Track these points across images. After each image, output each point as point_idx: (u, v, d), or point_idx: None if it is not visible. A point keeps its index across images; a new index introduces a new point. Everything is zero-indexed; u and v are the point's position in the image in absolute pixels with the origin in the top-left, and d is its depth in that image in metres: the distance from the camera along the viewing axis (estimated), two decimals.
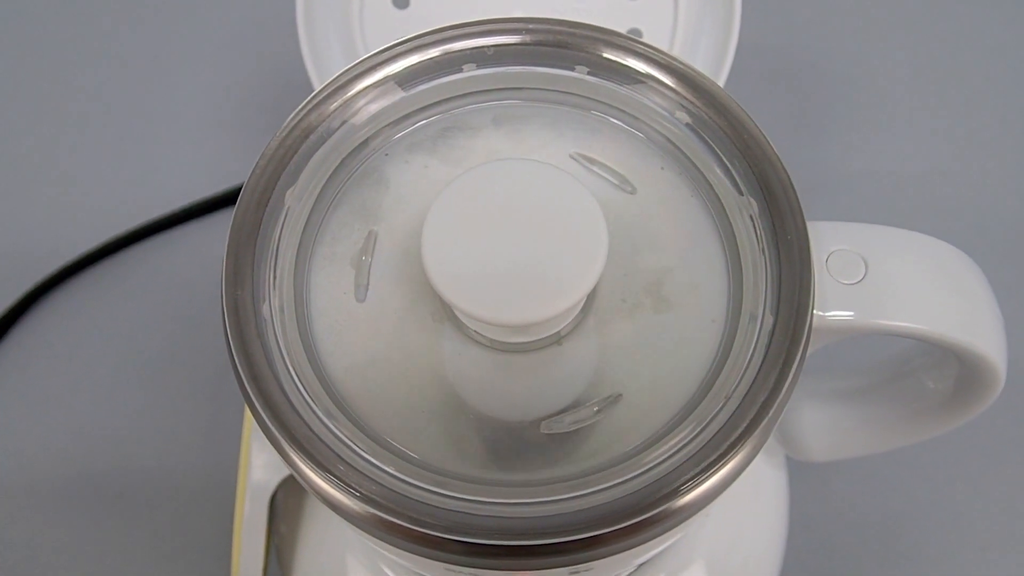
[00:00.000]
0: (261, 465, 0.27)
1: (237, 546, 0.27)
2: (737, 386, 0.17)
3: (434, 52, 0.19)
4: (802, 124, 0.41)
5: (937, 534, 0.33)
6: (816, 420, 0.26)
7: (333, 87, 0.19)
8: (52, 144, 0.41)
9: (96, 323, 0.37)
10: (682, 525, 0.16)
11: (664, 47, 0.23)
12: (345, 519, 0.16)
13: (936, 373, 0.23)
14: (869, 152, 0.40)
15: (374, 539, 0.17)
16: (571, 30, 0.19)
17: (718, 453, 0.16)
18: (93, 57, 0.43)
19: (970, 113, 0.41)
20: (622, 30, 0.20)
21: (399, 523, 0.16)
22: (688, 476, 0.16)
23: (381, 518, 0.16)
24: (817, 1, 0.44)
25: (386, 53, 0.19)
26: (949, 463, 0.34)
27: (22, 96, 0.42)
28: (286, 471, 0.27)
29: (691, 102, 0.19)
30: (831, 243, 0.19)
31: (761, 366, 0.16)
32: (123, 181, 0.40)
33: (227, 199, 0.39)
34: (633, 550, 0.16)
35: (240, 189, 0.18)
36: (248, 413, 0.29)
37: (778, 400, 0.16)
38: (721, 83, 0.31)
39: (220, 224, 0.39)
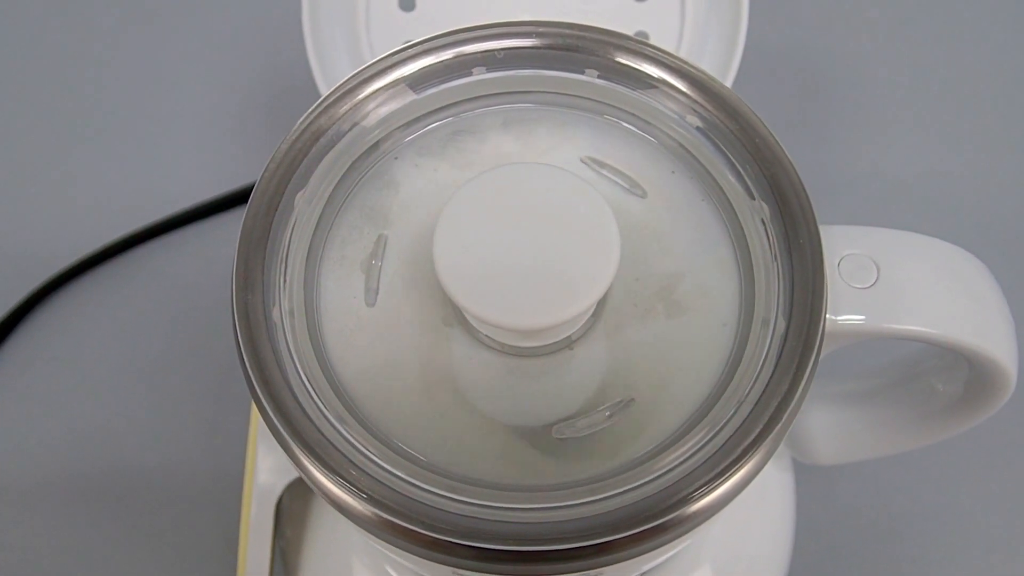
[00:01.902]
0: (268, 468, 0.27)
1: (243, 549, 0.27)
2: (749, 391, 0.16)
3: (446, 55, 0.19)
4: (808, 125, 0.41)
5: (943, 536, 0.33)
6: (823, 423, 0.26)
7: (344, 89, 0.19)
8: (56, 146, 0.41)
9: (99, 325, 0.37)
10: (693, 531, 0.16)
11: (671, 49, 0.23)
12: (355, 523, 0.16)
13: (946, 376, 0.23)
14: (875, 153, 0.40)
15: (383, 543, 0.17)
16: (582, 34, 0.19)
17: (731, 459, 0.16)
18: (96, 58, 0.43)
19: (976, 114, 0.41)
20: (629, 32, 0.20)
21: (409, 527, 0.16)
22: (701, 482, 0.16)
23: (391, 522, 0.16)
24: (823, 2, 0.44)
25: (397, 56, 0.19)
26: (955, 465, 0.34)
27: (25, 97, 0.42)
28: (293, 474, 0.27)
29: (703, 106, 0.19)
30: (843, 247, 0.19)
31: (773, 371, 0.16)
32: (127, 183, 0.40)
33: (231, 201, 0.39)
34: (644, 556, 0.16)
35: (244, 191, 0.18)
36: (255, 416, 0.29)
37: (791, 406, 0.16)
38: (728, 84, 0.31)
39: (224, 226, 0.39)
